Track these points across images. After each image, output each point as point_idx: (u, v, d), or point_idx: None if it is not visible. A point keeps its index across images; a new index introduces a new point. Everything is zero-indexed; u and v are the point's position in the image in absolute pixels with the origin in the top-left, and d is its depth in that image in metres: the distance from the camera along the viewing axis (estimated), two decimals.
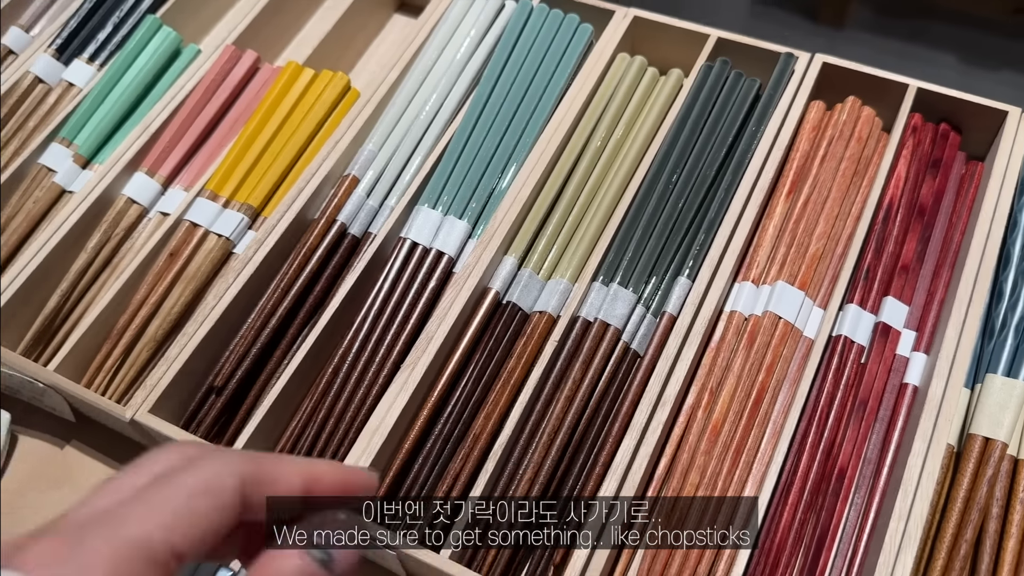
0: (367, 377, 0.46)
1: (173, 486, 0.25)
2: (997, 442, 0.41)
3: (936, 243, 0.49)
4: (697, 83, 0.53)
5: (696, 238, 0.48)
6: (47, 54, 0.59)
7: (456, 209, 0.50)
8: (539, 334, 0.47)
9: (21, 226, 0.53)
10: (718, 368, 0.45)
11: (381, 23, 0.64)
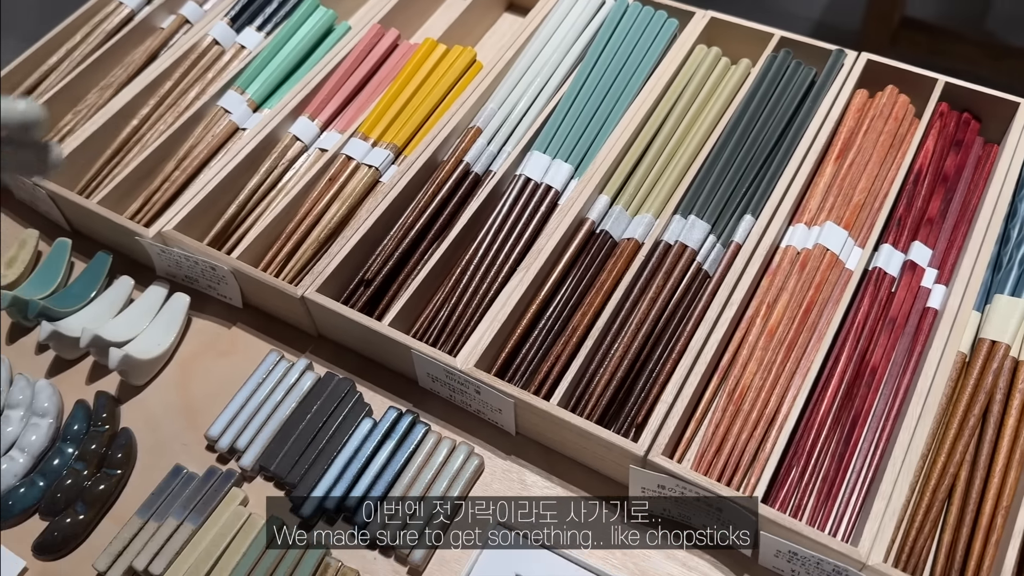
0: (488, 276, 0.57)
1: None
2: (1001, 344, 0.51)
3: (957, 203, 0.60)
4: (763, 69, 0.64)
5: (760, 185, 0.59)
6: (222, 22, 0.72)
7: (563, 154, 0.61)
8: (627, 255, 0.58)
9: (203, 153, 0.65)
10: (774, 288, 0.56)
11: (494, 19, 0.77)
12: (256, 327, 0.61)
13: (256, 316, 0.61)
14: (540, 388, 0.53)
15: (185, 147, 0.66)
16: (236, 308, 0.61)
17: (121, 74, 0.70)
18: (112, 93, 0.69)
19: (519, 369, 0.55)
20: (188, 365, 0.59)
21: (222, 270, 0.58)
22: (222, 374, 0.58)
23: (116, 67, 0.71)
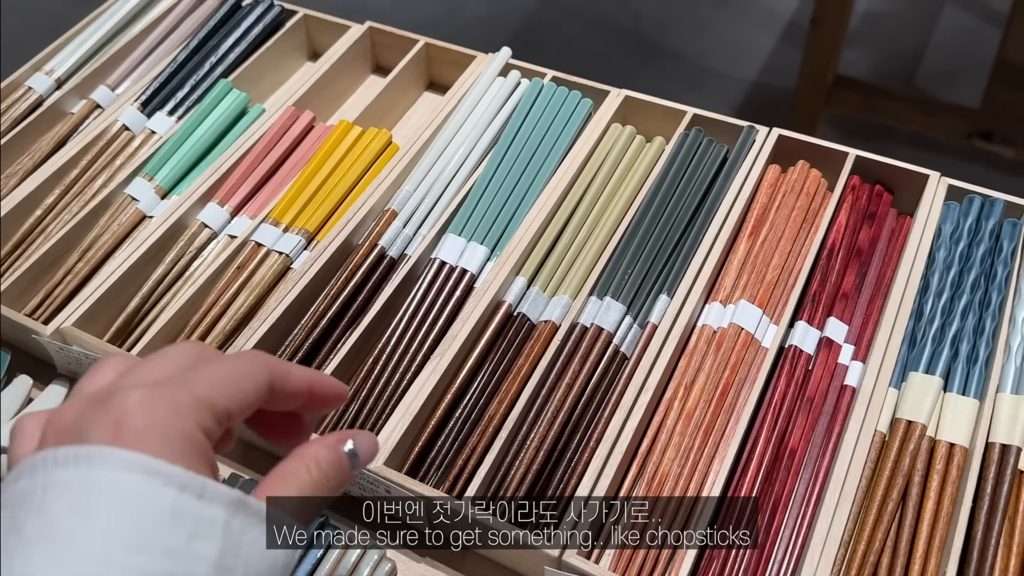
0: (401, 366, 0.55)
1: (223, 367, 0.30)
2: (917, 424, 0.51)
3: (871, 278, 0.60)
4: (676, 146, 0.64)
5: (675, 264, 0.59)
6: (133, 107, 0.71)
7: (478, 237, 0.61)
8: (544, 338, 0.56)
9: (107, 243, 0.63)
10: (691, 369, 0.55)
11: (414, 98, 0.76)
12: None
13: None
14: (455, 483, 0.51)
15: (90, 237, 0.64)
16: None
17: (27, 162, 0.68)
18: (17, 182, 0.67)
19: (434, 463, 0.53)
20: None
21: None
22: None
23: (23, 155, 0.70)
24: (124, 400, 0.28)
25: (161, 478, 0.26)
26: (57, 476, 0.26)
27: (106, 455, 0.26)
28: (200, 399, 0.29)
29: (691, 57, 2.08)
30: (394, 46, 0.76)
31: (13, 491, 0.26)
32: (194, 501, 0.26)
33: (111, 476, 0.26)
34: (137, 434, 0.27)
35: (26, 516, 0.26)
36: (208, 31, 0.75)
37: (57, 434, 0.28)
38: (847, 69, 1.94)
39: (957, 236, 0.58)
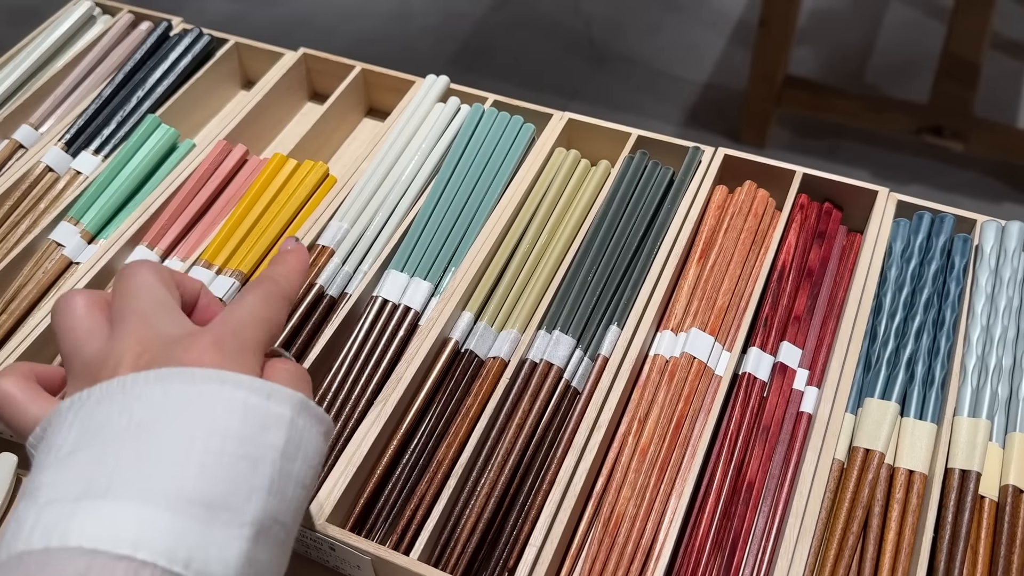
0: (344, 412, 0.53)
1: (249, 304, 0.38)
2: (875, 452, 0.49)
3: (824, 299, 0.59)
4: (621, 171, 0.63)
5: (624, 294, 0.57)
6: (56, 147, 0.67)
7: (421, 272, 0.58)
8: (493, 375, 0.55)
9: (32, 292, 0.60)
10: (644, 401, 0.53)
11: (353, 125, 0.74)
12: None
13: None
14: (404, 534, 0.49)
15: (13, 287, 0.60)
16: None
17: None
18: None
19: (380, 514, 0.51)
20: None
21: None
22: None
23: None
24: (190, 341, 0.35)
25: (230, 384, 0.32)
26: (139, 392, 0.32)
27: (180, 372, 0.32)
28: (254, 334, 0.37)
29: (642, 60, 2.07)
30: (330, 72, 0.73)
31: (104, 405, 0.31)
32: (263, 400, 0.32)
33: (187, 387, 0.32)
34: (206, 353, 0.34)
35: (115, 420, 0.31)
36: (134, 64, 0.72)
37: (132, 364, 0.34)
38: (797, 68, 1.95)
39: (908, 254, 0.57)
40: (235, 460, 0.31)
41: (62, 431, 0.32)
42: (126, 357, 0.34)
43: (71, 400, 0.32)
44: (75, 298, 0.37)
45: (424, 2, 2.21)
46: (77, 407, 0.32)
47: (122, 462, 0.30)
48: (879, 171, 1.80)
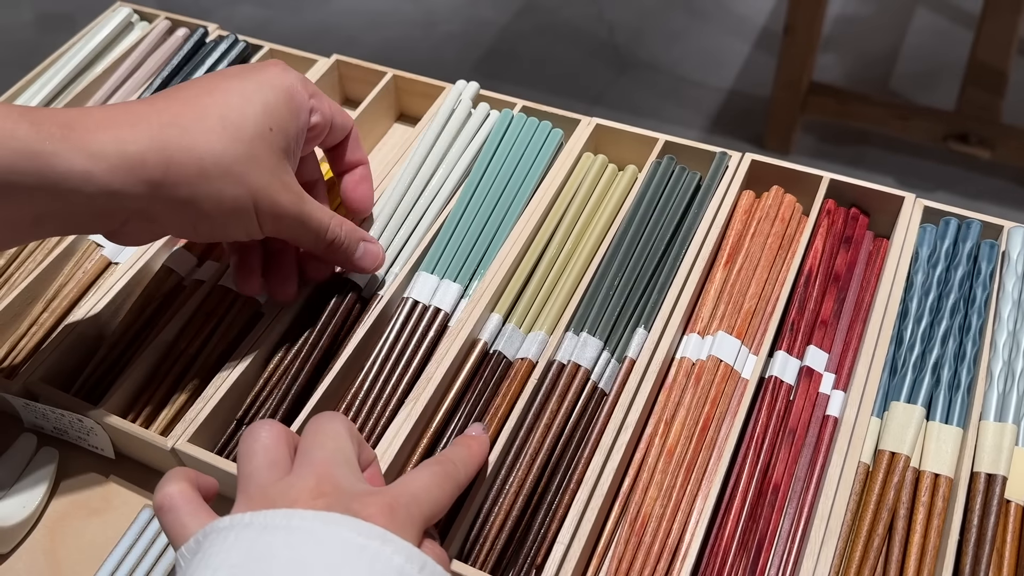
0: (375, 411, 0.54)
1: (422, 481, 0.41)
2: (901, 455, 0.50)
3: (850, 303, 0.59)
4: (648, 175, 0.64)
5: (651, 297, 0.58)
6: None
7: (451, 274, 0.59)
8: (521, 376, 0.55)
9: (72, 292, 0.61)
10: (671, 403, 0.54)
11: (384, 130, 0.75)
12: (131, 480, 0.57)
13: (131, 467, 0.57)
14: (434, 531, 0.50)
15: (55, 286, 0.62)
16: (109, 459, 0.57)
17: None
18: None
19: None
20: (57, 527, 0.55)
21: (89, 422, 0.54)
22: (95, 535, 0.54)
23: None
24: (366, 500, 0.36)
25: (392, 547, 0.33)
26: (307, 529, 0.33)
27: (351, 522, 0.33)
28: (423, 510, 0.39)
29: (666, 67, 2.08)
30: (362, 78, 0.75)
31: (267, 535, 0.33)
32: (416, 571, 0.33)
33: (354, 537, 0.33)
34: (379, 515, 0.35)
35: (277, 553, 0.32)
36: (172, 69, 0.74)
37: (308, 503, 0.35)
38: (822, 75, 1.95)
39: (935, 260, 0.57)
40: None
41: (220, 551, 0.32)
42: (304, 495, 0.35)
43: (231, 519, 0.34)
44: (264, 426, 0.40)
45: (448, 9, 2.23)
46: (239, 529, 0.33)
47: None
48: (905, 178, 1.79)
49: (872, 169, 1.84)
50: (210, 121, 0.46)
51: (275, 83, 0.49)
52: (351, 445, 0.40)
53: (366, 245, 0.56)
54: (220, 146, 0.45)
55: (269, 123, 0.48)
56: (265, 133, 0.48)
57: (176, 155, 0.44)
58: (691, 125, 1.91)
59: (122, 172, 0.43)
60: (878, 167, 1.84)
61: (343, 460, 0.39)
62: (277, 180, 0.49)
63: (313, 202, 0.52)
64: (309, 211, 0.51)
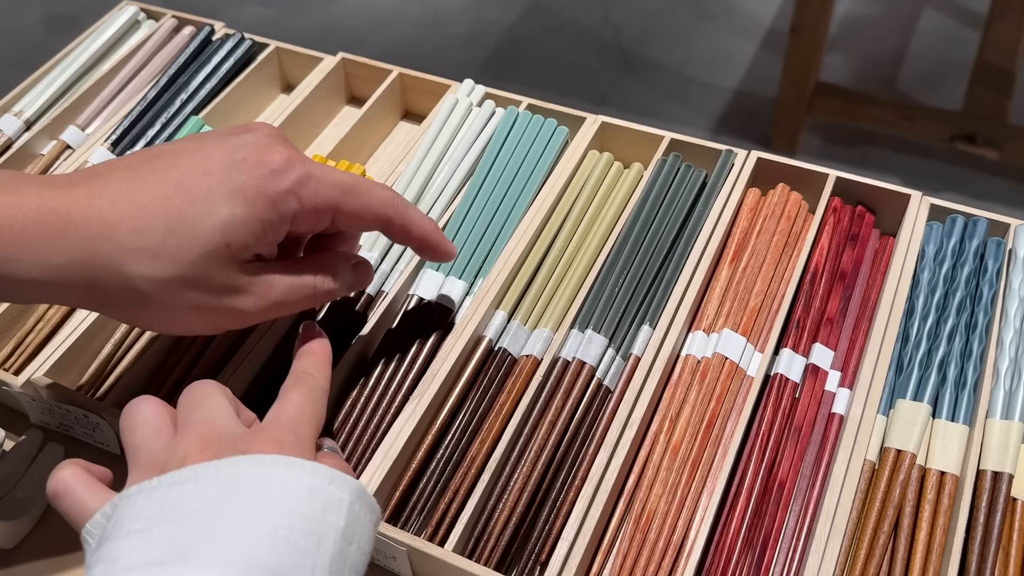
0: (380, 408, 0.54)
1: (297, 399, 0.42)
2: (907, 453, 0.50)
3: (856, 301, 0.59)
4: (654, 173, 0.64)
5: (656, 294, 0.58)
6: (103, 147, 0.69)
7: (455, 271, 0.60)
8: (526, 373, 0.55)
9: None
10: (676, 401, 0.54)
11: (389, 128, 0.75)
12: None
13: None
14: (439, 527, 0.50)
15: None
16: (115, 455, 0.57)
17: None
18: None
19: (416, 507, 0.52)
20: (63, 524, 0.55)
21: (95, 417, 0.54)
22: None
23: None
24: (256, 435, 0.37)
25: (298, 468, 0.34)
26: (212, 476, 0.34)
27: (251, 458, 0.35)
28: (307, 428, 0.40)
29: (672, 67, 2.08)
30: (368, 76, 0.75)
31: (176, 488, 0.33)
32: (325, 484, 0.34)
33: (256, 470, 0.34)
34: (268, 447, 0.36)
35: (188, 500, 0.33)
36: (178, 67, 0.74)
37: (199, 455, 0.36)
38: (828, 75, 1.94)
39: (941, 257, 0.57)
40: (302, 536, 0.33)
41: (133, 511, 0.34)
42: (193, 450, 0.36)
43: (139, 485, 0.35)
44: (142, 401, 0.41)
45: (455, 10, 2.23)
46: (148, 491, 0.34)
47: (198, 534, 0.32)
48: (911, 179, 1.79)
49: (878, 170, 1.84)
50: (151, 239, 0.39)
51: (254, 188, 0.40)
52: (227, 403, 0.40)
53: (355, 275, 0.49)
54: (153, 270, 0.39)
55: (227, 240, 0.40)
56: (219, 251, 0.40)
57: (99, 274, 0.39)
58: (697, 125, 1.91)
59: (55, 286, 0.39)
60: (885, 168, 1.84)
61: (221, 414, 0.39)
62: (228, 297, 0.42)
63: (283, 282, 0.44)
64: (278, 300, 0.44)
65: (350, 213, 0.44)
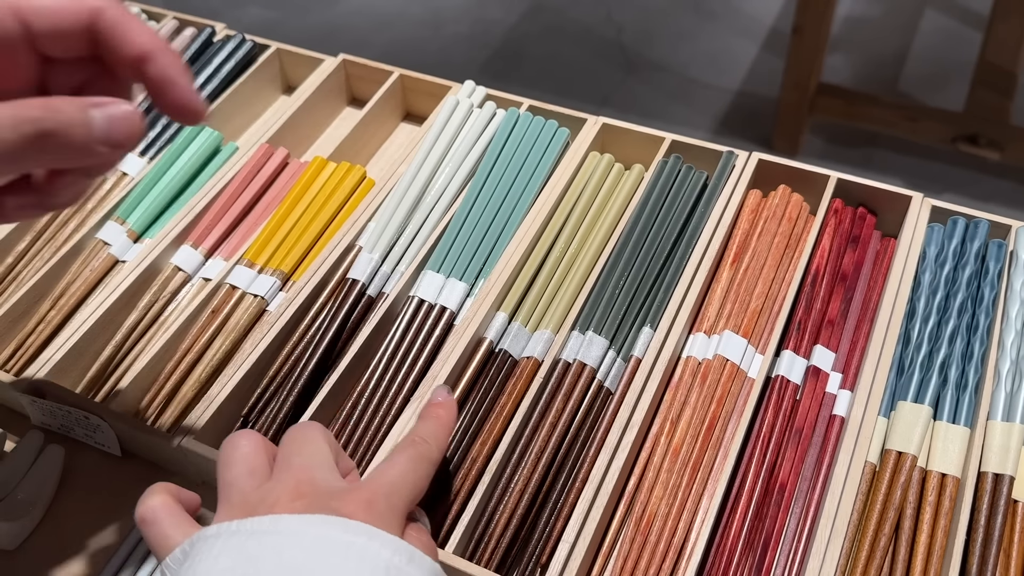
0: (381, 409, 0.54)
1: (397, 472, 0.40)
2: (908, 455, 0.50)
3: (857, 303, 0.59)
4: (655, 174, 0.64)
5: (657, 296, 0.58)
6: None
7: (456, 273, 0.60)
8: (527, 375, 0.55)
9: (79, 289, 0.62)
10: (677, 402, 0.54)
11: (390, 129, 0.75)
12: (137, 477, 0.57)
13: (137, 465, 0.57)
14: (439, 530, 0.50)
15: (62, 284, 0.62)
16: (116, 457, 0.57)
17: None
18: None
19: None
20: (64, 524, 0.55)
21: (96, 419, 0.54)
22: (101, 532, 0.54)
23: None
24: (347, 496, 0.37)
25: (378, 541, 0.34)
26: (293, 532, 0.33)
27: (335, 520, 0.34)
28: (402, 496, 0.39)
29: (674, 67, 2.08)
30: (369, 78, 0.75)
31: (255, 539, 0.33)
32: (405, 563, 0.34)
33: (339, 535, 0.33)
34: (360, 510, 0.36)
35: (266, 556, 0.32)
36: None
37: (288, 505, 0.35)
38: (830, 76, 1.94)
39: (942, 259, 0.57)
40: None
41: (209, 557, 0.33)
42: (284, 498, 0.35)
43: (218, 527, 0.34)
44: (244, 436, 0.40)
45: (456, 10, 2.23)
46: (226, 536, 0.33)
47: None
48: (913, 180, 1.79)
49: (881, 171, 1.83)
50: None
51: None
52: (328, 450, 0.40)
53: (107, 120, 0.35)
54: None
55: None
56: None
57: None
58: (699, 126, 1.91)
59: None
60: (887, 169, 1.84)
61: (321, 463, 0.39)
62: None
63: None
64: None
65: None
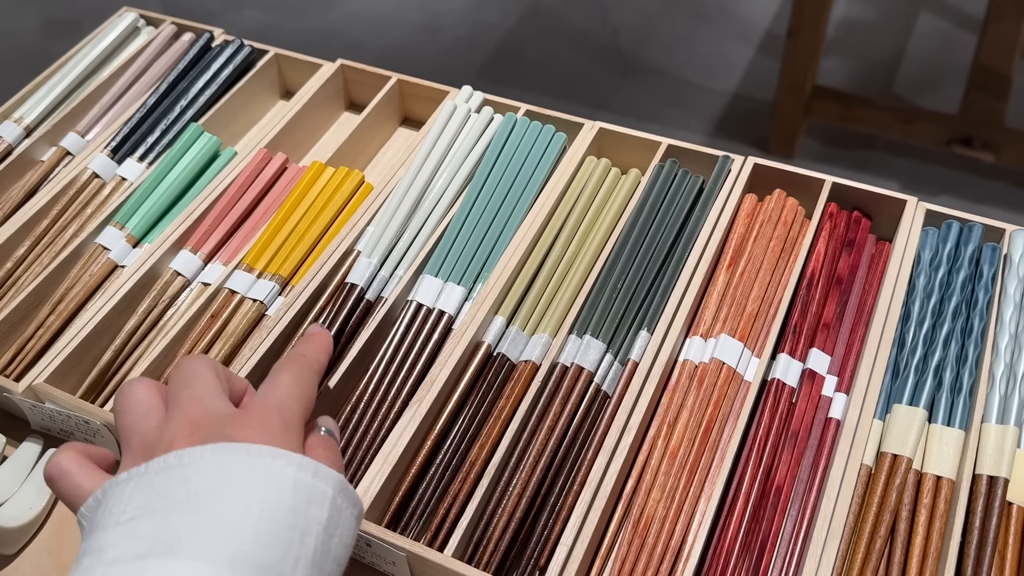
0: (380, 413, 0.55)
1: (289, 379, 0.40)
2: (903, 457, 0.50)
3: (852, 306, 0.59)
4: (651, 179, 0.64)
5: (654, 300, 0.58)
6: (103, 154, 0.70)
7: (455, 277, 0.60)
8: (524, 378, 0.56)
9: (79, 295, 0.62)
10: (674, 405, 0.54)
11: (388, 134, 0.76)
12: None
13: None
14: (438, 532, 0.50)
15: (61, 289, 0.63)
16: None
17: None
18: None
19: (415, 512, 0.52)
20: (63, 529, 0.55)
21: (95, 424, 0.54)
22: None
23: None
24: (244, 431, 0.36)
25: (283, 460, 0.34)
26: (197, 464, 0.34)
27: (236, 446, 0.34)
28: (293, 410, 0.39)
29: (671, 71, 2.08)
30: (367, 82, 0.75)
31: (163, 475, 0.34)
32: (309, 477, 0.34)
33: (243, 460, 0.34)
34: (255, 431, 0.36)
35: (175, 488, 0.33)
36: (178, 74, 0.74)
37: (186, 439, 0.36)
38: (825, 78, 1.94)
39: (937, 263, 0.57)
40: (285, 529, 0.33)
41: (122, 499, 0.34)
42: (180, 434, 0.36)
43: (129, 472, 0.34)
44: (135, 382, 0.40)
45: (454, 14, 2.23)
46: (136, 478, 0.34)
47: (183, 525, 0.32)
48: (908, 182, 1.79)
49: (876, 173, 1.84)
50: None
51: None
52: (215, 378, 0.40)
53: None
54: None
55: None
56: None
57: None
58: (695, 129, 1.91)
59: None
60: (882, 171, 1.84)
61: (210, 393, 0.39)
62: None
63: None
64: None
65: None
